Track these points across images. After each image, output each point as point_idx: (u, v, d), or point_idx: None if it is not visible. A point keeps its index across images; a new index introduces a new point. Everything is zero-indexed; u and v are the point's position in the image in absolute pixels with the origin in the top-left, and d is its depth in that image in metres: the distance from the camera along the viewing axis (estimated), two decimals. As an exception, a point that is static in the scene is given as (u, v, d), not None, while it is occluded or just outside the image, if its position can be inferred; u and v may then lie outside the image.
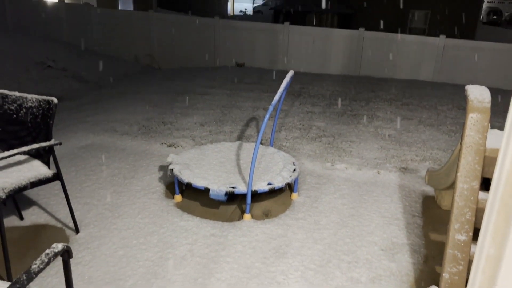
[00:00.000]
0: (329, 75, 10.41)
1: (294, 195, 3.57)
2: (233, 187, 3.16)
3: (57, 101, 2.72)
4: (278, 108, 4.05)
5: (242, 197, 3.42)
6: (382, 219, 3.27)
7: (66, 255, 1.51)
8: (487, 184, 2.29)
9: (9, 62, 8.79)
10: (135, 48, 12.13)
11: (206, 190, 3.17)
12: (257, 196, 3.47)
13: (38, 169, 2.69)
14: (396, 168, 4.29)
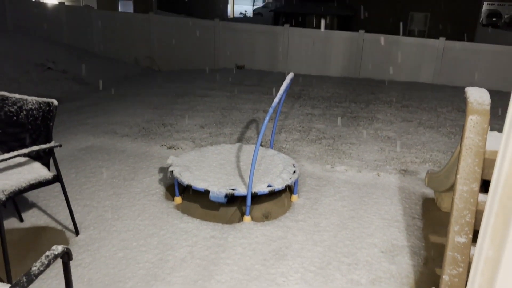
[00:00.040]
0: (329, 77, 10.42)
1: (294, 197, 3.57)
2: (233, 189, 3.17)
3: (57, 103, 2.73)
4: (278, 110, 4.05)
5: (242, 199, 3.42)
6: (382, 221, 3.27)
7: (66, 257, 1.51)
8: (487, 186, 2.29)
9: (9, 64, 8.80)
10: (135, 50, 12.14)
11: (206, 192, 3.17)
12: (257, 198, 3.47)
13: (38, 171, 2.69)
14: (396, 170, 4.29)
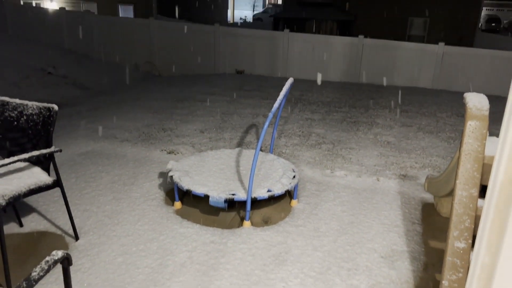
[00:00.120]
0: (329, 82, 10.45)
1: (294, 202, 3.57)
2: (233, 194, 3.17)
3: (58, 108, 2.74)
4: (278, 115, 4.06)
5: (242, 204, 3.42)
6: (382, 226, 3.27)
7: (66, 263, 1.51)
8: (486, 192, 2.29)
9: (10, 69, 8.83)
10: (135, 55, 12.18)
11: (206, 197, 3.17)
12: (257, 203, 3.47)
13: (38, 176, 2.69)
14: (396, 175, 4.29)
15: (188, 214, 3.36)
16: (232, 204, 3.44)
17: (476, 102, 2.27)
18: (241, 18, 40.10)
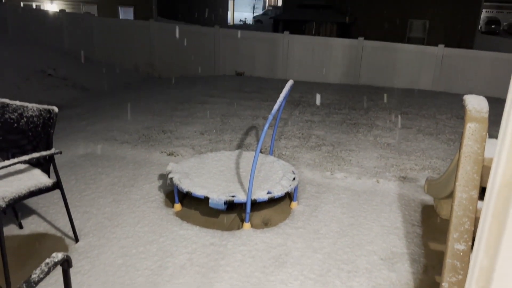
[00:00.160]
0: (329, 84, 10.45)
1: (294, 204, 3.58)
2: (233, 196, 3.17)
3: (58, 110, 2.74)
4: (278, 117, 4.06)
5: (242, 206, 3.41)
6: (382, 228, 3.27)
7: (66, 265, 1.51)
8: (486, 194, 2.29)
9: (10, 71, 8.83)
10: (136, 57, 12.19)
11: (206, 199, 3.17)
12: (257, 205, 3.47)
13: (38, 178, 2.70)
14: (396, 177, 4.29)
15: (188, 216, 3.36)
16: (232, 206, 3.44)
17: (476, 104, 2.28)
18: (241, 20, 40.16)
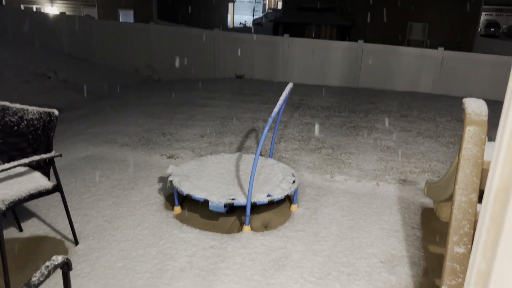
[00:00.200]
0: (328, 87, 10.46)
1: (294, 207, 3.58)
2: (233, 199, 3.17)
3: (58, 113, 2.74)
4: (278, 120, 4.07)
5: (242, 209, 3.42)
6: (382, 231, 3.27)
7: (66, 268, 1.52)
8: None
9: (10, 73, 8.85)
10: (136, 60, 12.21)
11: (206, 202, 3.17)
12: (257, 208, 3.47)
13: (38, 181, 2.70)
14: (395, 180, 4.30)
15: (188, 219, 3.36)
16: (232, 209, 3.44)
17: (475, 108, 2.28)
18: (241, 23, 40.24)
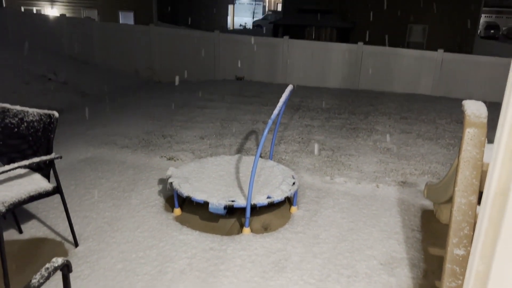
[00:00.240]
0: (328, 89, 10.48)
1: (294, 209, 3.58)
2: (233, 201, 3.17)
3: (58, 115, 2.75)
4: (278, 122, 4.07)
5: (242, 211, 3.42)
6: (381, 233, 3.27)
7: (66, 270, 1.52)
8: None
9: (10, 75, 8.85)
10: (136, 62, 12.21)
11: (206, 204, 3.18)
12: (257, 210, 3.47)
13: (38, 183, 2.70)
14: (395, 182, 4.30)
15: (188, 221, 3.36)
16: (232, 211, 3.44)
17: (475, 110, 2.28)
18: (241, 25, 40.28)
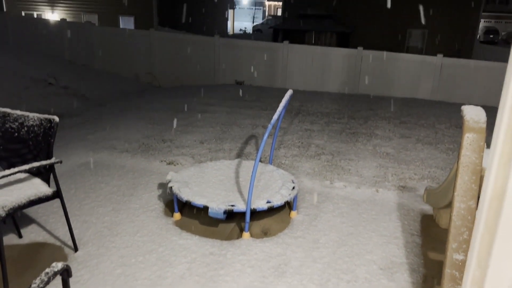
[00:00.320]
0: (328, 93, 10.50)
1: (293, 213, 3.58)
2: (232, 205, 3.17)
3: (58, 120, 2.75)
4: (277, 126, 4.08)
5: (241, 215, 3.42)
6: (381, 238, 3.27)
7: (66, 274, 1.52)
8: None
9: (10, 80, 8.87)
10: (136, 66, 12.25)
11: (205, 208, 3.18)
12: (256, 214, 3.47)
13: (38, 187, 2.70)
14: (395, 187, 4.30)
15: (187, 226, 3.36)
16: (232, 215, 3.44)
17: (473, 115, 2.29)
18: (241, 30, 40.40)
